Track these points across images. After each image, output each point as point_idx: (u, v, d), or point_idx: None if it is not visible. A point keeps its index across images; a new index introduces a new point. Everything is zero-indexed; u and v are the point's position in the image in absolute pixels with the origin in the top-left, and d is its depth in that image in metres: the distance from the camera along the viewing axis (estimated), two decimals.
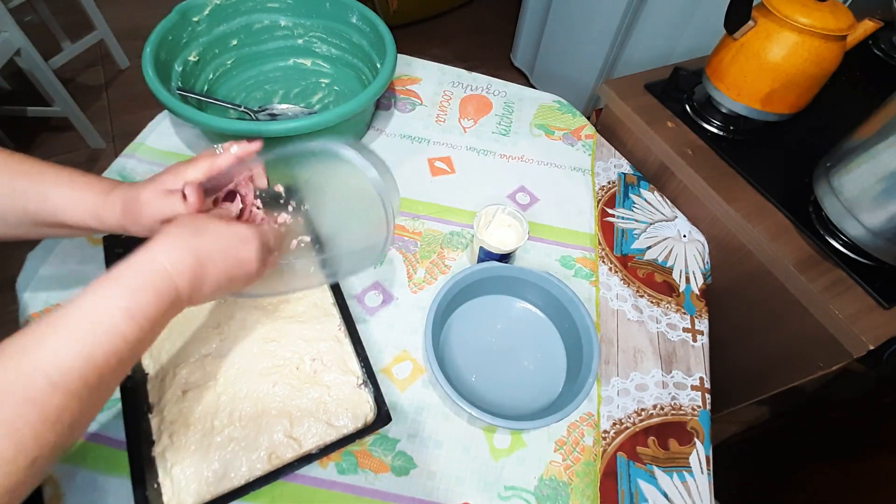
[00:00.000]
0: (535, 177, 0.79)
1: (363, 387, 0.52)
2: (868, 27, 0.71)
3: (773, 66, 0.72)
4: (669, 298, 0.68)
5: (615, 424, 0.57)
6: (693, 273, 0.71)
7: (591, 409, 0.57)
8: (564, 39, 1.72)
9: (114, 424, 0.50)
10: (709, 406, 0.60)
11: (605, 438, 0.56)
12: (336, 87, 0.85)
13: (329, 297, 0.57)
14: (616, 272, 0.70)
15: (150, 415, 0.48)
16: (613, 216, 0.76)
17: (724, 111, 0.82)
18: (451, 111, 0.86)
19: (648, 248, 0.73)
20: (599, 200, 0.78)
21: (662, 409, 0.59)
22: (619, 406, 0.58)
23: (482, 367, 0.59)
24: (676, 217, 0.77)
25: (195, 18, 0.74)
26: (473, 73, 0.94)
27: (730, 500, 0.83)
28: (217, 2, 0.76)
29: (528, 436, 0.55)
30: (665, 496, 0.53)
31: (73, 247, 0.62)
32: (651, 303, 0.67)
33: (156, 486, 0.44)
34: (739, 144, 0.81)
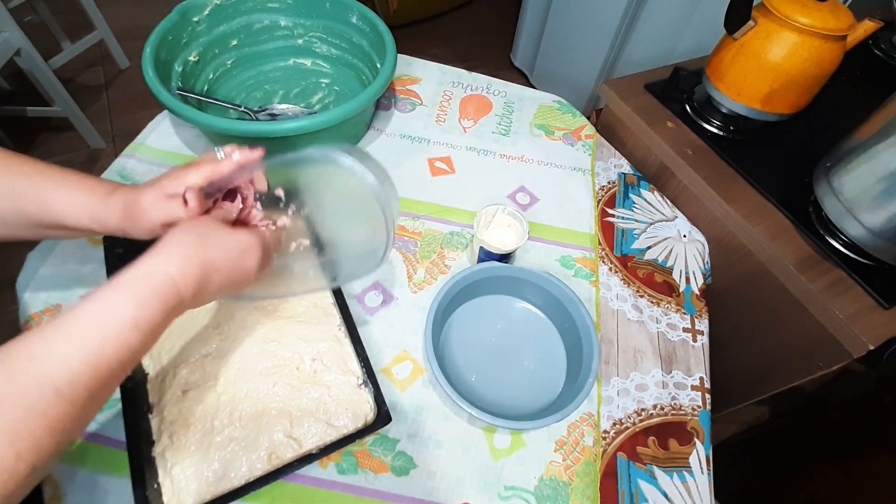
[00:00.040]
0: (535, 177, 0.79)
1: (363, 387, 0.52)
2: (868, 27, 0.71)
3: (773, 66, 0.72)
4: (669, 298, 0.68)
5: (615, 424, 0.57)
6: (693, 273, 0.71)
7: (591, 409, 0.57)
8: (564, 39, 1.72)
9: (114, 424, 0.50)
10: (709, 406, 0.60)
11: (605, 438, 0.56)
12: (336, 87, 0.85)
13: (329, 297, 0.57)
14: (616, 272, 0.70)
15: (150, 415, 0.48)
16: (613, 216, 0.76)
17: (724, 111, 0.82)
18: (451, 111, 0.86)
19: (648, 248, 0.73)
20: (599, 200, 0.78)
21: (662, 409, 0.59)
22: (619, 406, 0.58)
23: (482, 367, 0.59)
24: (676, 217, 0.77)
25: (195, 18, 0.74)
26: (473, 73, 0.94)
27: (730, 500, 0.83)
28: (217, 2, 0.76)
29: (528, 436, 0.55)
30: (665, 496, 0.53)
31: (73, 247, 0.62)
32: (651, 303, 0.67)
33: (156, 486, 0.44)
34: (739, 144, 0.81)
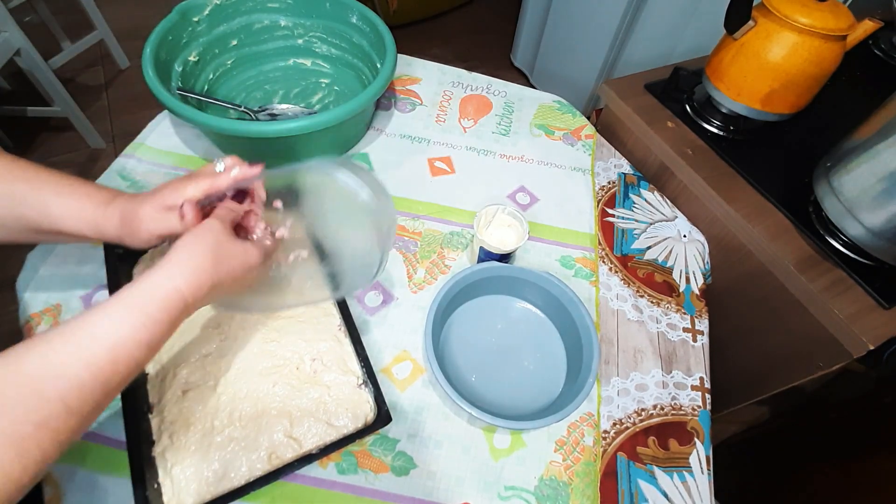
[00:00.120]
0: (535, 177, 0.79)
1: (363, 387, 0.52)
2: (868, 27, 0.71)
3: (773, 66, 0.72)
4: (669, 298, 0.68)
5: (615, 424, 0.57)
6: (693, 273, 0.71)
7: (591, 409, 0.57)
8: (564, 39, 1.72)
9: (114, 424, 0.50)
10: (709, 406, 0.60)
11: (606, 438, 0.56)
12: (336, 87, 0.85)
13: None
14: (616, 272, 0.70)
15: (150, 415, 0.48)
16: (613, 216, 0.76)
17: (724, 111, 0.82)
18: (451, 111, 0.86)
19: (648, 248, 0.73)
20: (599, 200, 0.78)
21: (662, 409, 0.59)
22: (620, 406, 0.58)
23: (482, 367, 0.59)
24: (676, 217, 0.77)
25: (195, 18, 0.74)
26: (473, 73, 0.93)
27: (730, 500, 0.83)
28: (217, 2, 0.76)
29: (528, 436, 0.55)
30: (665, 496, 0.53)
31: (73, 247, 0.62)
32: (651, 303, 0.67)
33: (156, 486, 0.44)
34: (739, 144, 0.81)
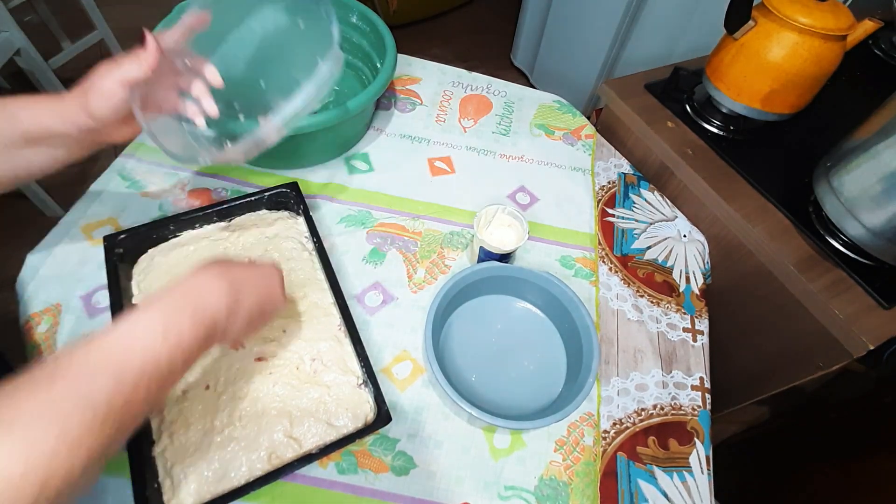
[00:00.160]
0: (535, 177, 0.79)
1: (363, 387, 0.52)
2: (868, 27, 0.71)
3: (774, 66, 0.72)
4: (669, 298, 0.68)
5: (615, 424, 0.57)
6: (693, 273, 0.71)
7: (591, 409, 0.57)
8: (564, 39, 1.72)
9: None
10: (709, 406, 0.60)
11: (605, 438, 0.56)
12: (336, 87, 0.85)
13: (329, 297, 0.57)
14: (616, 272, 0.70)
15: (150, 415, 0.48)
16: (613, 216, 0.76)
17: (724, 111, 0.82)
18: (451, 111, 0.86)
19: (648, 248, 0.73)
20: (599, 200, 0.78)
21: (662, 409, 0.59)
22: (619, 406, 0.58)
23: (482, 367, 0.59)
24: (676, 217, 0.77)
25: None
26: (473, 73, 0.93)
27: (730, 500, 0.83)
28: (217, 2, 0.75)
29: (528, 436, 0.55)
30: (665, 496, 0.53)
31: (73, 247, 0.62)
32: (651, 303, 0.67)
33: (156, 486, 0.44)
34: (739, 144, 0.81)
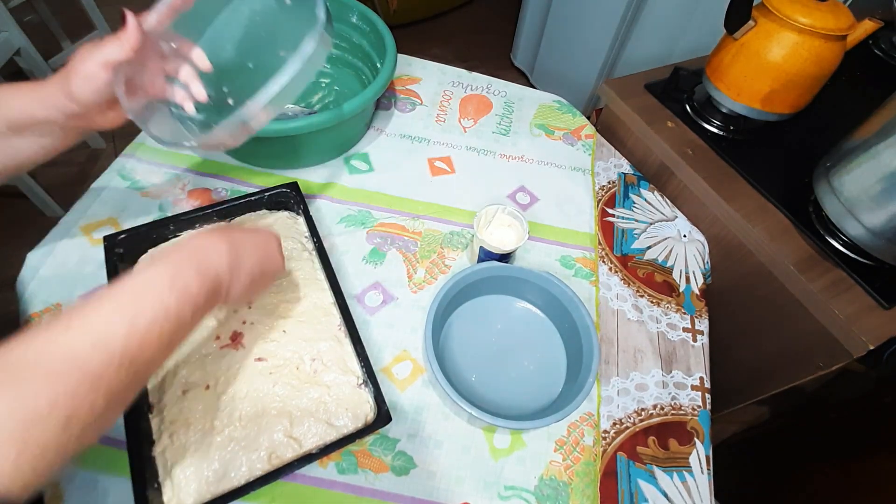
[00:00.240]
0: (535, 177, 0.79)
1: (363, 387, 0.52)
2: (868, 27, 0.71)
3: (773, 66, 0.72)
4: (669, 298, 0.68)
5: (615, 424, 0.57)
6: (693, 273, 0.71)
7: (591, 409, 0.57)
8: (564, 39, 1.72)
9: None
10: (709, 406, 0.60)
11: (605, 438, 0.56)
12: (336, 87, 0.85)
13: (329, 297, 0.57)
14: (616, 272, 0.70)
15: (150, 415, 0.48)
16: (613, 216, 0.76)
17: (724, 111, 0.82)
18: (451, 111, 0.86)
19: (648, 248, 0.73)
20: (599, 200, 0.78)
21: (662, 409, 0.59)
22: (619, 406, 0.58)
23: (482, 367, 0.59)
24: (676, 217, 0.77)
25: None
26: (473, 73, 0.94)
27: (730, 500, 0.83)
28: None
29: (528, 436, 0.55)
30: (665, 496, 0.53)
31: (73, 247, 0.62)
32: (651, 303, 0.67)
33: (156, 486, 0.44)
34: (739, 144, 0.81)
